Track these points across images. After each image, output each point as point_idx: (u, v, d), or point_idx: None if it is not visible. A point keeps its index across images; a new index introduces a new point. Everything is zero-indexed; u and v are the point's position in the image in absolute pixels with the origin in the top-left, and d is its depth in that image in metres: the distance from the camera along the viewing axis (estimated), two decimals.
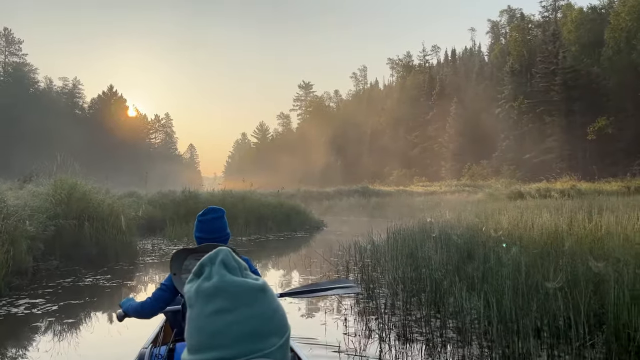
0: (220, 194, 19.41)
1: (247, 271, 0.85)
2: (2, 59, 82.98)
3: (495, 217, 10.75)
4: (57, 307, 6.35)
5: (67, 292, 7.36)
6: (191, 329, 0.80)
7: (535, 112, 57.98)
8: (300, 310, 6.42)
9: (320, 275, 8.57)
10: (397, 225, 11.37)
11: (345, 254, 10.06)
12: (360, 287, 6.83)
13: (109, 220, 11.05)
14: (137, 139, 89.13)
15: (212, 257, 0.83)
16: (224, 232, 2.75)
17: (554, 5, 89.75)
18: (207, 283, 0.80)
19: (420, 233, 8.68)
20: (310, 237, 17.65)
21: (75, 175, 11.59)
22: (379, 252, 8.49)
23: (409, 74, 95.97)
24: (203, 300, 0.79)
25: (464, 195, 31.43)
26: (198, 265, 0.84)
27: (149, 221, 16.04)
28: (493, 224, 9.16)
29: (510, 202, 18.06)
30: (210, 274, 0.81)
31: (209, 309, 0.79)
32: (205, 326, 0.78)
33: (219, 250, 0.85)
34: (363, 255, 8.66)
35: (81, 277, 8.59)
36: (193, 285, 0.82)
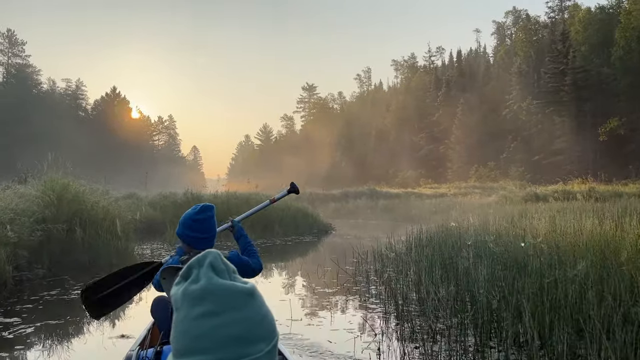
0: (224, 195, 18.50)
1: (236, 274, 0.82)
2: (5, 60, 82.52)
3: (523, 222, 9.80)
4: (33, 329, 5.40)
5: (49, 308, 6.44)
6: (177, 333, 0.77)
7: (545, 112, 56.94)
8: (322, 327, 5.48)
9: (337, 288, 7.60)
10: (416, 230, 10.39)
11: (362, 261, 9.14)
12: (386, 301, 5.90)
13: (104, 224, 10.13)
14: (140, 140, 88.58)
15: (200, 260, 0.80)
16: (215, 231, 2.67)
17: (560, 6, 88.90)
18: (194, 286, 0.78)
19: (449, 239, 7.70)
20: (319, 242, 16.72)
21: (67, 175, 10.71)
22: (403, 262, 7.53)
23: (414, 75, 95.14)
24: (189, 303, 0.77)
25: (476, 197, 30.41)
26: (186, 268, 0.81)
27: (148, 224, 15.15)
28: (526, 229, 8.22)
29: (530, 205, 17.08)
30: (198, 276, 0.79)
31: (195, 312, 0.76)
32: (191, 329, 0.76)
33: (207, 252, 0.82)
34: (385, 264, 7.72)
35: (68, 289, 7.65)
36: (180, 287, 0.80)
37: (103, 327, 5.67)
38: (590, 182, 29.24)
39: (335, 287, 7.64)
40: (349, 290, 7.27)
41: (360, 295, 6.86)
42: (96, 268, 9.31)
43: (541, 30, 79.30)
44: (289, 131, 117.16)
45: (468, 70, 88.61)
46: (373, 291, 7.15)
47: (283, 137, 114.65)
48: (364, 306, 6.30)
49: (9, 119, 67.18)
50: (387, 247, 9.21)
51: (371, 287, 7.39)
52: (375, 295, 6.87)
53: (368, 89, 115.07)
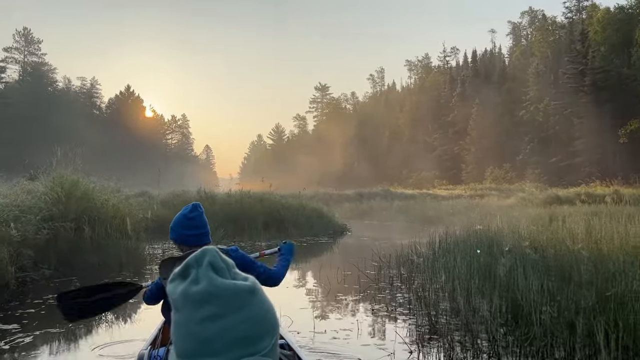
0: (237, 194, 18.05)
1: (235, 269, 0.81)
2: (21, 58, 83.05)
3: (554, 225, 9.20)
4: (32, 338, 4.94)
5: (52, 314, 5.97)
6: (179, 334, 0.76)
7: (563, 114, 55.83)
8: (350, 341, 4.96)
9: (360, 294, 7.06)
10: (439, 233, 9.83)
11: (384, 265, 8.61)
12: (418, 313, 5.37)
13: (113, 222, 9.71)
14: (153, 139, 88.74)
15: (199, 259, 0.79)
16: (207, 228, 2.74)
17: (578, 6, 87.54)
18: (196, 287, 0.76)
19: (481, 243, 7.13)
20: (335, 243, 16.20)
21: (77, 171, 10.31)
22: (432, 267, 6.97)
23: (429, 75, 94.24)
24: (192, 305, 0.76)
25: (493, 199, 29.68)
26: (183, 266, 0.79)
27: (160, 224, 14.68)
28: (563, 234, 7.63)
29: (555, 208, 16.40)
30: (197, 277, 0.77)
31: (199, 315, 0.75)
32: (196, 333, 0.75)
33: (205, 250, 0.80)
34: (412, 269, 7.17)
35: None
36: (178, 286, 0.78)
37: (111, 331, 5.21)
38: (614, 184, 28.40)
39: (357, 294, 7.11)
40: (374, 298, 6.74)
41: (386, 304, 6.33)
42: (105, 268, 8.90)
43: (558, 31, 78.13)
44: (301, 131, 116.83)
45: (483, 70, 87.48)
46: (400, 299, 6.62)
47: (295, 137, 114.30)
48: (393, 317, 5.77)
49: (25, 117, 67.54)
50: (411, 250, 8.65)
51: (397, 295, 6.85)
52: (402, 303, 6.35)
53: (381, 89, 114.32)
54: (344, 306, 6.39)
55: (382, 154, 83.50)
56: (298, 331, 4.99)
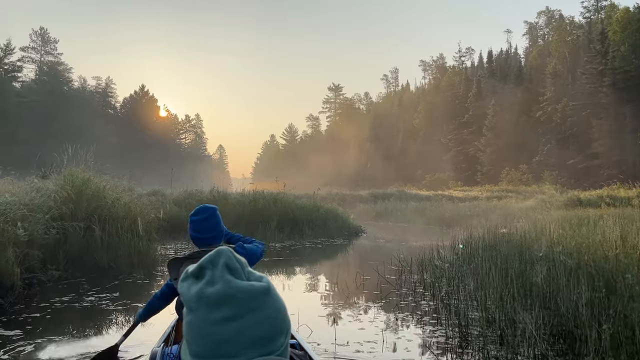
0: (251, 194, 17.74)
1: (248, 268, 0.81)
2: (37, 57, 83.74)
3: (584, 230, 8.73)
4: (34, 347, 4.61)
5: (57, 318, 5.70)
6: (194, 334, 0.76)
7: (581, 114, 54.78)
8: (376, 355, 4.58)
9: (382, 302, 6.65)
10: (462, 236, 9.41)
11: (404, 270, 8.21)
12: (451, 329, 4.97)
13: (124, 222, 9.41)
14: (167, 139, 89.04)
15: (213, 260, 0.79)
16: (217, 231, 2.73)
17: (596, 6, 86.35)
18: (212, 289, 0.76)
19: (510, 248, 6.70)
20: (351, 245, 15.79)
21: (88, 169, 10.05)
22: (459, 273, 6.56)
23: (444, 76, 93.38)
24: (208, 307, 0.75)
25: (511, 201, 29.04)
26: (197, 267, 0.79)
27: (172, 223, 14.46)
28: (595, 238, 7.18)
29: (579, 211, 15.84)
30: (213, 278, 0.77)
31: (215, 317, 0.75)
32: (212, 334, 0.74)
33: (219, 252, 0.80)
34: (437, 275, 6.76)
35: (82, 294, 6.91)
36: (191, 287, 0.78)
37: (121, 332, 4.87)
38: (636, 187, 27.59)
39: (379, 301, 6.70)
40: (397, 306, 6.35)
41: (411, 313, 5.94)
42: (115, 270, 8.62)
43: (576, 31, 76.98)
44: (314, 131, 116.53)
45: (499, 70, 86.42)
46: (425, 307, 6.21)
47: (308, 138, 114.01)
48: (420, 327, 5.36)
49: (41, 116, 68.08)
50: (433, 254, 8.25)
51: (421, 302, 6.44)
52: (428, 312, 5.94)
53: (395, 90, 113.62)
54: (366, 314, 6.00)
55: (396, 154, 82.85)
56: (318, 342, 4.62)
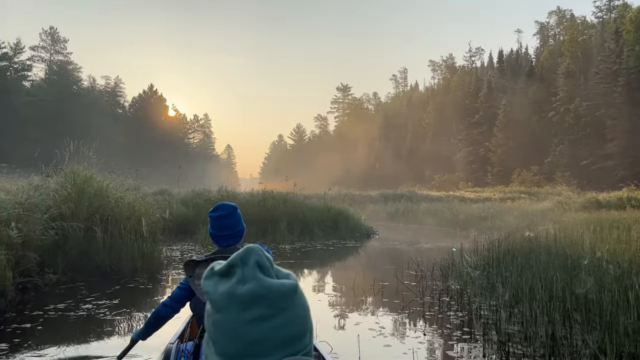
0: (260, 194, 17.22)
1: (275, 265, 0.80)
2: (47, 57, 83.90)
3: (615, 233, 8.14)
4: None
5: (50, 329, 5.18)
6: (222, 334, 0.74)
7: (595, 115, 53.80)
8: None
9: (405, 312, 6.07)
10: (486, 239, 8.83)
11: (424, 275, 7.65)
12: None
13: (128, 223, 8.92)
14: (176, 138, 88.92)
15: (244, 258, 0.77)
16: (236, 229, 2.68)
17: (608, 6, 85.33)
18: (243, 288, 0.74)
19: (546, 255, 6.11)
20: (363, 247, 15.23)
21: (90, 167, 9.59)
22: (489, 282, 5.99)
23: (454, 75, 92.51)
24: (239, 306, 0.74)
25: (525, 202, 28.34)
26: (227, 265, 0.77)
27: (179, 223, 14.00)
28: (637, 245, 6.59)
29: (601, 213, 15.19)
30: (244, 277, 0.75)
31: (248, 316, 0.73)
32: (243, 334, 0.73)
33: (250, 249, 0.78)
34: (463, 283, 6.20)
35: (80, 301, 6.40)
36: (219, 285, 0.76)
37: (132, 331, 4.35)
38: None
39: (402, 311, 6.13)
40: (423, 317, 5.78)
41: (440, 326, 5.37)
42: (117, 273, 8.14)
43: (588, 30, 75.96)
44: (322, 131, 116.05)
45: (509, 70, 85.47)
46: (453, 319, 5.64)
47: (317, 137, 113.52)
48: (452, 343, 4.78)
49: (50, 115, 68.09)
50: (454, 258, 7.69)
51: (449, 313, 5.87)
52: (459, 325, 5.37)
53: (404, 90, 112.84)
54: (390, 328, 5.44)
55: (405, 154, 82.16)
56: None
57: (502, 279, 5.62)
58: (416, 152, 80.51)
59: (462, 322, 5.45)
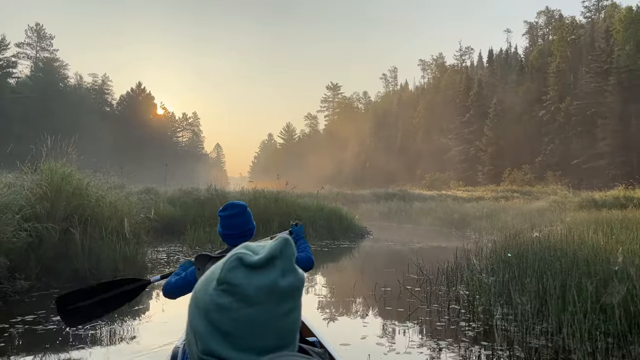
0: (251, 193, 16.64)
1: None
2: (33, 54, 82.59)
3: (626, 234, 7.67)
4: None
5: (8, 349, 4.56)
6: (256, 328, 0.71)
7: (586, 114, 53.80)
8: None
9: (413, 323, 5.47)
10: (479, 238, 8.33)
11: (429, 279, 7.12)
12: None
13: (109, 223, 8.30)
14: (164, 136, 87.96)
15: (283, 250, 0.74)
16: (246, 228, 2.69)
17: (597, 6, 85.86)
18: (285, 281, 0.73)
19: (567, 258, 5.59)
20: (359, 248, 14.70)
21: (70, 163, 8.96)
22: (503, 288, 5.46)
23: (444, 74, 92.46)
24: (278, 299, 0.72)
25: (519, 202, 27.99)
26: (267, 257, 0.72)
27: (165, 224, 13.37)
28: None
29: (603, 213, 14.79)
30: (284, 270, 0.73)
31: (284, 309, 0.73)
32: (279, 327, 0.73)
33: (288, 241, 0.75)
34: (475, 290, 5.67)
35: (52, 311, 5.73)
36: (257, 278, 0.71)
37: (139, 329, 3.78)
38: None
39: (409, 321, 5.54)
40: (434, 329, 5.22)
41: (454, 339, 4.82)
42: (97, 278, 7.47)
43: (577, 30, 76.29)
44: (312, 130, 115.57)
45: (499, 70, 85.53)
46: (467, 329, 5.09)
47: (307, 136, 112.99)
48: (470, 358, 4.28)
49: (36, 113, 66.83)
50: (459, 260, 7.17)
51: (460, 323, 5.33)
52: (475, 338, 4.82)
53: (394, 89, 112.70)
54: (402, 342, 4.84)
55: (396, 153, 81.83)
56: None
57: (520, 286, 5.09)
58: (407, 151, 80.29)
59: (478, 334, 4.91)
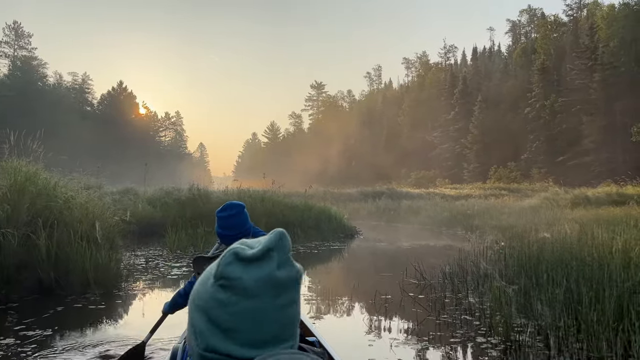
0: (235, 192, 15.88)
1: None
2: (11, 52, 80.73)
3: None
4: None
5: None
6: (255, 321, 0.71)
7: (571, 111, 53.86)
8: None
9: (426, 339, 4.77)
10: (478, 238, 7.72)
11: (426, 284, 6.48)
12: None
13: (79, 227, 7.50)
14: (146, 136, 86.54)
15: (280, 242, 0.74)
16: (244, 228, 2.71)
17: (579, 4, 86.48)
18: (281, 273, 0.73)
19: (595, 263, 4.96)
20: (350, 249, 14.01)
21: (36, 162, 8.15)
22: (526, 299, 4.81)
23: (428, 72, 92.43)
24: (275, 292, 0.72)
25: (509, 199, 27.61)
26: (263, 249, 0.73)
27: (144, 226, 12.56)
28: None
29: (601, 211, 14.34)
30: (280, 262, 0.73)
31: (282, 301, 0.73)
32: (277, 320, 0.72)
33: (283, 233, 0.76)
34: (493, 299, 5.02)
35: (3, 331, 4.95)
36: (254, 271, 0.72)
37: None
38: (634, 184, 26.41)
39: (418, 336, 4.82)
40: (446, 343, 4.58)
41: (472, 354, 4.19)
42: (64, 289, 6.74)
43: (559, 28, 76.76)
44: (297, 129, 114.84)
45: (484, 68, 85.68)
46: (488, 348, 4.43)
47: (291, 135, 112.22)
48: None
49: (14, 112, 65.05)
50: (467, 264, 6.53)
51: (478, 339, 4.66)
52: (499, 358, 4.18)
53: (378, 87, 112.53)
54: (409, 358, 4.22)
55: (381, 152, 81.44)
56: None
57: (548, 296, 4.44)
58: (392, 149, 79.95)
59: (501, 353, 4.26)
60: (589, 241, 6.18)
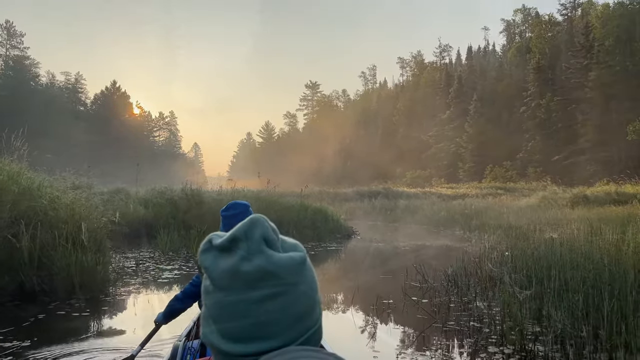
0: (229, 193, 15.52)
1: (280, 235, 0.71)
2: (3, 52, 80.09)
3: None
4: None
5: None
6: (226, 315, 0.67)
7: (566, 109, 53.78)
8: None
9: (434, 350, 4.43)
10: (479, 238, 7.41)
11: (429, 287, 6.16)
12: None
13: (65, 229, 7.14)
14: (140, 136, 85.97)
15: (248, 231, 0.68)
16: None
17: (573, 3, 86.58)
18: (249, 265, 0.66)
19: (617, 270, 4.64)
20: (347, 251, 13.69)
21: (20, 160, 7.79)
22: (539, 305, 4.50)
23: (423, 72, 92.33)
24: (245, 284, 0.66)
25: (507, 198, 27.37)
26: (229, 239, 0.68)
27: (136, 228, 12.18)
28: None
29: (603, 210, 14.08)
30: (249, 252, 0.67)
31: (255, 296, 0.66)
32: (251, 315, 0.66)
33: (254, 221, 0.68)
34: (504, 305, 4.70)
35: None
36: (220, 261, 0.68)
37: None
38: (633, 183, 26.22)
39: (425, 345, 4.52)
40: (455, 352, 4.26)
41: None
42: (48, 294, 6.38)
43: (554, 27, 76.86)
44: (292, 129, 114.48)
45: (479, 67, 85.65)
46: (499, 356, 4.12)
47: (286, 135, 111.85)
48: None
49: (6, 112, 64.42)
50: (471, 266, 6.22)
51: (490, 348, 4.34)
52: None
53: (373, 87, 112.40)
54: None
55: (376, 151, 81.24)
56: None
57: (568, 302, 4.12)
58: (387, 148, 79.76)
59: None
60: (600, 243, 5.87)
